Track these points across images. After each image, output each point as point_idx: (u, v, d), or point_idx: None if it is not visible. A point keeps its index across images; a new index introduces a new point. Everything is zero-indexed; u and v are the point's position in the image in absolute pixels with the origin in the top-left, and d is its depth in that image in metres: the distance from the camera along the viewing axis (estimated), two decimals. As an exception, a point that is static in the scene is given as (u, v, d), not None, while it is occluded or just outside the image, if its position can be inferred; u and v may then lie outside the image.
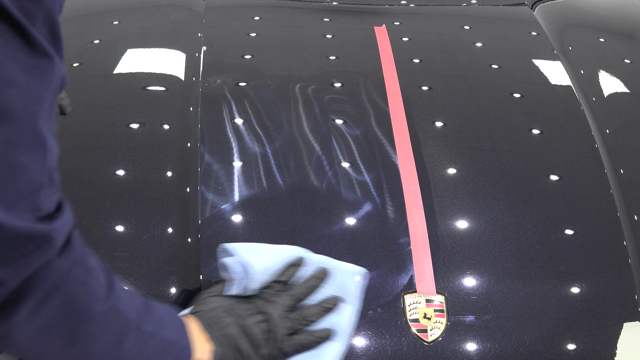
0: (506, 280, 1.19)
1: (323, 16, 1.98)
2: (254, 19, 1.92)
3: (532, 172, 1.39)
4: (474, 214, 1.29)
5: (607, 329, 1.15)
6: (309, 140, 1.45)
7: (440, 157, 1.40)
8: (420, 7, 2.10)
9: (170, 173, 1.34)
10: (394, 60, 1.67)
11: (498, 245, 1.24)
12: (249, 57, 1.70)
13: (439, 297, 1.15)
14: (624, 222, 1.30)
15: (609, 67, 1.78)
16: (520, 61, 1.79)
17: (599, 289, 1.20)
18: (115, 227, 1.26)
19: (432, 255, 1.20)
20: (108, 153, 1.39)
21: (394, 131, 1.44)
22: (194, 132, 1.43)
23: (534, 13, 2.05)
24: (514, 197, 1.33)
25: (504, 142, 1.47)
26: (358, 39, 1.80)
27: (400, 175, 1.34)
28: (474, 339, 1.12)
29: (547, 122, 1.54)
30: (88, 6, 2.01)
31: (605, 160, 1.43)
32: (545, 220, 1.29)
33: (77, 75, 1.63)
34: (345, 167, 1.38)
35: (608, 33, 2.04)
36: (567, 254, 1.24)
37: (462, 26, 1.96)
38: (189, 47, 1.71)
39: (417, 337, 1.11)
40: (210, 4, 1.96)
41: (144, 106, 1.51)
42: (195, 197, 1.29)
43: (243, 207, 1.28)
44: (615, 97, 1.65)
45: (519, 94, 1.63)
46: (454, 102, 1.57)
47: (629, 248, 1.25)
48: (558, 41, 1.87)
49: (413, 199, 1.29)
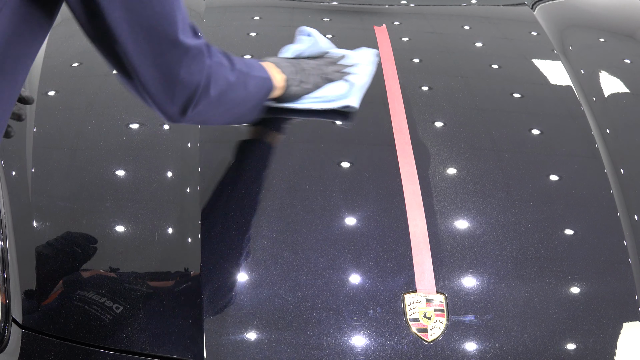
0: (506, 280, 1.19)
1: (323, 16, 1.97)
2: (254, 19, 1.92)
3: (532, 172, 1.39)
4: (474, 214, 1.29)
5: (607, 329, 1.15)
6: (309, 140, 1.45)
7: (441, 157, 1.40)
8: (420, 7, 2.10)
9: (170, 173, 1.34)
10: (394, 60, 1.67)
11: (498, 245, 1.24)
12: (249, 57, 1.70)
13: (439, 297, 1.15)
14: (624, 222, 1.30)
15: (609, 67, 1.78)
16: (520, 61, 1.79)
17: (599, 289, 1.20)
18: (116, 227, 1.26)
19: (432, 255, 1.20)
20: (108, 153, 1.39)
21: (394, 131, 1.44)
22: (194, 133, 1.43)
23: (534, 13, 2.05)
24: (514, 197, 1.33)
25: (504, 142, 1.47)
26: (358, 38, 1.80)
27: (401, 175, 1.34)
28: (474, 338, 1.12)
29: (547, 122, 1.54)
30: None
31: (605, 160, 1.43)
32: (545, 220, 1.29)
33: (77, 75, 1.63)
34: (346, 166, 1.38)
35: (608, 33, 2.04)
36: (567, 254, 1.24)
37: (462, 26, 1.96)
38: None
39: (417, 336, 1.11)
40: (210, 4, 1.96)
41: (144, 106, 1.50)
42: (195, 197, 1.29)
43: (243, 207, 1.28)
44: (615, 97, 1.65)
45: (519, 94, 1.63)
46: (454, 102, 1.57)
47: (629, 248, 1.25)
48: (558, 41, 1.87)
49: (413, 199, 1.29)
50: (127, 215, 1.27)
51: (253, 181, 1.33)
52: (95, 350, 1.11)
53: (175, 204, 1.29)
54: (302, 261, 1.19)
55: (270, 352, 1.09)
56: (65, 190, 1.33)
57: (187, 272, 1.18)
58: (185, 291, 1.16)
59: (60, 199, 1.32)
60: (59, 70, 1.64)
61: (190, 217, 1.25)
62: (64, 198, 1.32)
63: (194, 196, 1.29)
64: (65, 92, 1.57)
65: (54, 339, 1.12)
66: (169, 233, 1.24)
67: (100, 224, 1.26)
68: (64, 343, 1.12)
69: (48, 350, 1.12)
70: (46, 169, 1.36)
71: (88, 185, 1.33)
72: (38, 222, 1.26)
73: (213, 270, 1.18)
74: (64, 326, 1.13)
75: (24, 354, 1.12)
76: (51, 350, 1.11)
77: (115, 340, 1.11)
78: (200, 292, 1.15)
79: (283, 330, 1.12)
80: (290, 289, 1.16)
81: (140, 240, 1.23)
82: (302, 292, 1.16)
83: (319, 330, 1.12)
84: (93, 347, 1.11)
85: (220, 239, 1.23)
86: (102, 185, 1.33)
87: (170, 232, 1.24)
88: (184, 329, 1.12)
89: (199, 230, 1.23)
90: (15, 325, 1.14)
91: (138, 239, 1.23)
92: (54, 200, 1.31)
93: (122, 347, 1.11)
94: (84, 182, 1.34)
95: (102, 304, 1.15)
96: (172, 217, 1.26)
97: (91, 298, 1.16)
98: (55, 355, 1.11)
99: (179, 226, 1.24)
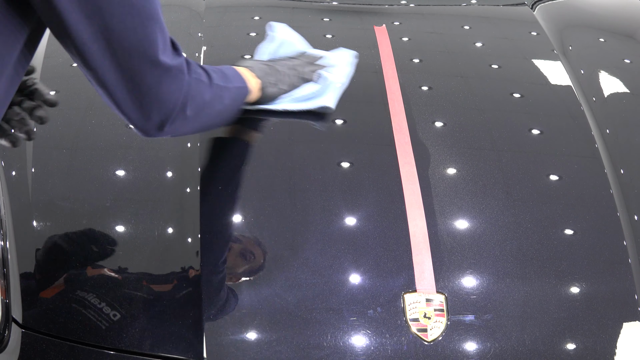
0: (506, 280, 1.19)
1: (323, 16, 1.98)
2: (254, 19, 1.92)
3: (532, 172, 1.39)
4: (474, 214, 1.29)
5: (607, 329, 1.15)
6: (309, 140, 1.45)
7: (440, 157, 1.40)
8: (420, 7, 2.10)
9: (170, 173, 1.34)
10: (394, 60, 1.67)
11: (498, 245, 1.24)
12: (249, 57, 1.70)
13: (439, 297, 1.15)
14: (624, 222, 1.30)
15: (609, 67, 1.78)
16: (520, 61, 1.79)
17: (599, 289, 1.20)
18: (116, 227, 1.26)
19: (432, 255, 1.20)
20: (108, 153, 1.39)
21: (394, 131, 1.44)
22: (194, 132, 1.43)
23: (534, 13, 2.05)
24: (514, 197, 1.33)
25: (504, 142, 1.47)
26: (358, 38, 1.80)
27: (401, 175, 1.34)
28: (473, 338, 1.12)
29: (547, 122, 1.54)
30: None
31: (605, 160, 1.43)
32: (545, 220, 1.29)
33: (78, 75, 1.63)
34: (346, 166, 1.38)
35: (608, 33, 2.04)
36: (567, 254, 1.24)
37: (462, 26, 1.96)
38: (189, 47, 1.71)
39: (417, 336, 1.11)
40: (210, 4, 1.96)
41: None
42: (195, 197, 1.29)
43: (243, 207, 1.28)
44: (615, 97, 1.65)
45: (519, 94, 1.63)
46: (454, 102, 1.57)
47: (629, 248, 1.25)
48: (558, 41, 1.87)
49: (413, 199, 1.29)
50: (127, 215, 1.27)
51: (253, 181, 1.34)
52: (95, 350, 1.11)
53: (175, 204, 1.29)
54: (302, 261, 1.19)
55: (270, 352, 1.09)
56: (65, 190, 1.33)
57: (187, 272, 1.18)
58: (185, 291, 1.16)
59: (60, 199, 1.32)
60: (59, 70, 1.64)
61: (190, 217, 1.25)
62: (64, 198, 1.32)
63: (194, 196, 1.29)
64: (65, 92, 1.57)
65: (54, 339, 1.12)
66: (169, 233, 1.24)
67: (100, 224, 1.26)
68: (64, 343, 1.12)
69: (48, 350, 1.12)
70: (46, 169, 1.36)
71: (88, 185, 1.33)
72: (38, 222, 1.26)
73: (213, 270, 1.18)
74: (64, 326, 1.13)
75: (24, 354, 1.12)
76: (51, 350, 1.11)
77: (115, 340, 1.11)
78: (200, 292, 1.15)
79: (283, 330, 1.12)
80: (290, 289, 1.16)
81: (140, 240, 1.23)
82: (302, 292, 1.16)
83: (319, 330, 1.12)
84: (93, 347, 1.11)
85: (220, 239, 1.23)
86: (102, 185, 1.33)
87: (170, 232, 1.24)
88: (184, 329, 1.12)
89: (199, 230, 1.23)
90: (15, 325, 1.14)
91: (138, 239, 1.23)
92: (54, 200, 1.31)
93: (122, 347, 1.11)
94: (84, 182, 1.34)
95: (102, 303, 1.15)
96: (172, 217, 1.26)
97: (91, 298, 1.16)
98: (55, 355, 1.11)
99: (179, 226, 1.24)
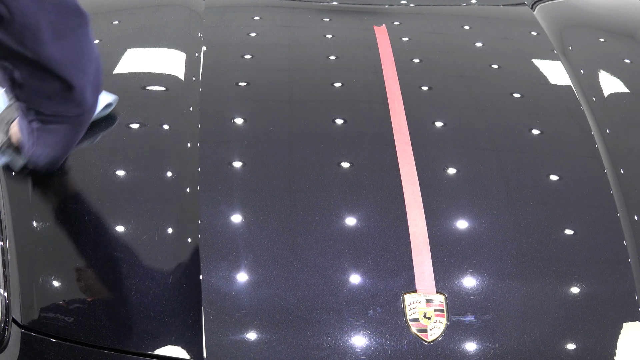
0: (506, 280, 1.19)
1: (323, 16, 1.98)
2: (254, 19, 1.92)
3: (532, 172, 1.39)
4: (474, 214, 1.29)
5: (607, 329, 1.15)
6: (309, 140, 1.45)
7: (440, 157, 1.40)
8: (420, 7, 2.09)
9: (170, 173, 1.34)
10: (394, 60, 1.67)
11: (498, 245, 1.24)
12: (249, 57, 1.70)
13: (439, 297, 1.15)
14: (624, 222, 1.30)
15: (609, 67, 1.78)
16: (520, 61, 1.79)
17: (599, 289, 1.20)
18: (116, 227, 1.26)
19: (432, 255, 1.20)
20: (108, 153, 1.39)
21: (394, 131, 1.44)
22: (194, 132, 1.43)
23: (534, 13, 2.05)
24: (514, 197, 1.33)
25: (504, 142, 1.47)
26: (358, 38, 1.80)
27: (400, 175, 1.34)
28: (473, 338, 1.12)
29: (547, 122, 1.54)
30: (88, 6, 2.01)
31: (605, 160, 1.43)
32: (545, 220, 1.29)
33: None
34: (345, 166, 1.38)
35: (608, 33, 2.04)
36: (567, 254, 1.24)
37: (462, 26, 1.96)
38: (189, 47, 1.71)
39: (417, 336, 1.11)
40: (210, 4, 1.96)
41: (144, 106, 1.51)
42: (195, 197, 1.29)
43: (243, 207, 1.28)
44: (615, 97, 1.65)
45: (519, 94, 1.63)
46: (454, 102, 1.57)
47: (629, 248, 1.25)
48: (558, 41, 1.87)
49: (413, 199, 1.29)
50: (127, 215, 1.27)
51: (253, 181, 1.33)
52: (95, 351, 1.11)
53: (175, 204, 1.29)
54: (302, 261, 1.19)
55: (270, 352, 1.09)
56: (65, 190, 1.33)
57: (187, 272, 1.18)
58: (185, 291, 1.16)
59: (60, 199, 1.32)
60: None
61: (190, 217, 1.25)
62: (64, 198, 1.32)
63: (194, 196, 1.29)
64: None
65: (54, 339, 1.12)
66: (169, 233, 1.24)
67: (100, 224, 1.26)
68: (63, 343, 1.12)
69: (48, 350, 1.12)
70: (46, 169, 1.36)
71: (88, 185, 1.33)
72: (38, 222, 1.26)
73: (213, 271, 1.18)
74: (64, 326, 1.13)
75: (24, 354, 1.12)
76: (51, 350, 1.12)
77: (115, 340, 1.11)
78: (200, 292, 1.15)
79: (283, 330, 1.12)
80: (290, 289, 1.16)
81: (140, 240, 1.23)
82: (302, 292, 1.16)
83: (319, 330, 1.12)
84: (93, 347, 1.11)
85: (220, 239, 1.23)
86: (102, 185, 1.33)
87: (170, 232, 1.24)
88: (184, 329, 1.12)
89: (199, 230, 1.23)
90: (15, 325, 1.14)
91: (138, 239, 1.23)
92: (54, 200, 1.31)
93: (122, 347, 1.11)
94: (84, 182, 1.34)
95: (102, 304, 1.15)
96: (172, 217, 1.26)
97: (91, 298, 1.16)
98: (55, 355, 1.11)
99: (179, 226, 1.24)
